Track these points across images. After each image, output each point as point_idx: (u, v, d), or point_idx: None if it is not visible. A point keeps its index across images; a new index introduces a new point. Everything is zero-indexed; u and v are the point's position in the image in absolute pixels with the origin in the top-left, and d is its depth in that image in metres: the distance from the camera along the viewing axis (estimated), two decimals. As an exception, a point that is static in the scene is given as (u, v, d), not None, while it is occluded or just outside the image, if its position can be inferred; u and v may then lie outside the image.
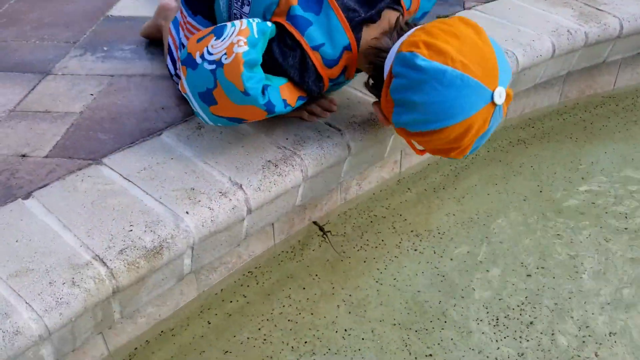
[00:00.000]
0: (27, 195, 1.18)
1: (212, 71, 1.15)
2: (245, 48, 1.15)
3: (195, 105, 1.21)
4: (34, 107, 1.46)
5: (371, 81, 1.28)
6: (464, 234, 1.53)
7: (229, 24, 1.19)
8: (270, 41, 1.22)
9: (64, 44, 1.73)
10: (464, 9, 1.88)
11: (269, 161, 1.25)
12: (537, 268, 1.44)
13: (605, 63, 1.92)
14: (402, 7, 1.30)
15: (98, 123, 1.39)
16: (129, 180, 1.20)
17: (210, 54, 1.16)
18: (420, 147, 1.28)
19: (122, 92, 1.51)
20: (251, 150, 1.29)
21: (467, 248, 1.49)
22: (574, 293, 1.38)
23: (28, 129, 1.38)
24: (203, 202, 1.15)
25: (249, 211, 1.20)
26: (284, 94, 1.22)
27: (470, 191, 1.66)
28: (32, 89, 1.53)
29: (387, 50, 1.18)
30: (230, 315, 1.33)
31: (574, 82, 1.95)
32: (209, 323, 1.32)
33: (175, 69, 1.52)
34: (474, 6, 1.90)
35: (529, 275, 1.42)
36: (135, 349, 1.25)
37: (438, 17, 1.81)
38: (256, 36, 1.17)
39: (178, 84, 1.49)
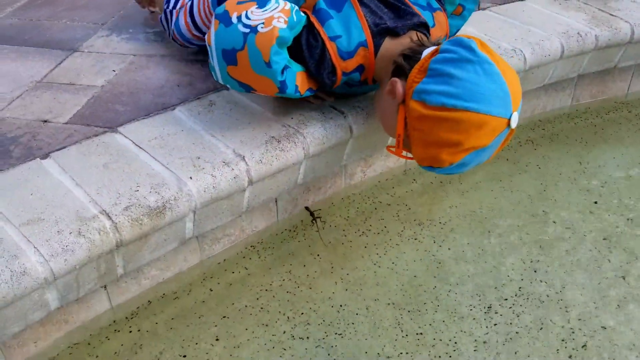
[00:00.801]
0: (45, 156, 1.26)
1: (245, 34, 1.20)
2: (284, 25, 1.20)
3: (214, 59, 1.25)
4: (59, 79, 1.55)
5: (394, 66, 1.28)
6: (465, 225, 1.56)
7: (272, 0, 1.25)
8: (302, 30, 1.27)
9: (92, 25, 1.83)
10: (479, 9, 1.92)
11: (272, 137, 1.31)
12: (534, 262, 1.46)
13: (618, 69, 1.93)
14: (429, 33, 1.35)
15: (117, 96, 1.47)
16: (140, 147, 1.28)
17: (248, 18, 1.21)
18: (408, 155, 1.26)
19: (142, 69, 1.59)
20: (257, 126, 1.35)
21: (467, 239, 1.52)
22: (568, 287, 1.40)
23: (52, 99, 1.46)
24: (206, 170, 1.22)
25: (250, 182, 1.26)
26: (298, 80, 1.27)
27: (474, 186, 1.69)
28: (59, 64, 1.62)
29: (421, 52, 1.20)
30: (231, 284, 1.39)
31: (585, 87, 1.97)
32: (211, 290, 1.38)
33: (172, 7, 1.66)
34: (489, 7, 1.94)
35: (525, 269, 1.45)
36: (138, 308, 1.32)
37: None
38: (295, 20, 1.23)
39: (163, 18, 1.66)
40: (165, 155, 1.25)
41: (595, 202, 1.63)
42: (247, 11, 1.22)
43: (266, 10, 1.22)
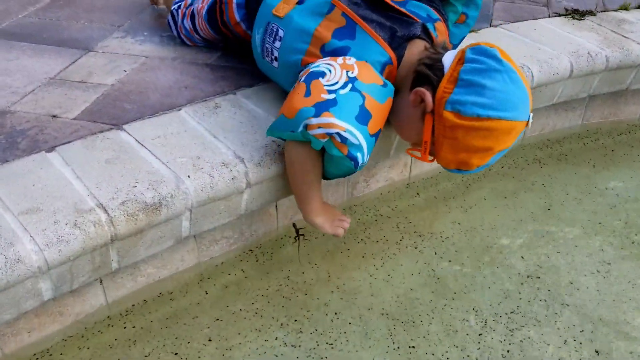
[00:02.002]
0: (50, 149, 1.29)
1: (352, 89, 1.18)
2: (354, 59, 1.23)
3: (357, 134, 1.17)
4: (72, 77, 1.58)
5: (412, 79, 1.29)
6: (466, 240, 1.56)
7: (320, 69, 1.22)
8: None
9: (109, 27, 1.87)
10: (491, 26, 1.93)
11: (272, 141, 1.32)
12: (533, 279, 1.45)
13: (631, 91, 1.92)
14: (431, 39, 1.37)
15: (126, 95, 1.50)
16: (143, 145, 1.29)
17: (333, 85, 1.18)
18: (430, 158, 1.28)
19: (153, 70, 1.62)
20: (259, 130, 1.36)
21: (467, 254, 1.52)
22: (566, 308, 1.38)
23: (63, 95, 1.49)
24: (205, 170, 1.23)
25: (248, 184, 1.27)
26: None
27: (478, 202, 1.68)
28: (74, 62, 1.65)
29: (440, 60, 1.23)
30: (227, 287, 1.40)
31: (597, 108, 1.95)
32: (206, 292, 1.39)
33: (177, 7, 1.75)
34: (501, 24, 1.94)
35: (522, 284, 1.44)
36: (133, 305, 1.33)
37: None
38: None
39: (170, 18, 1.74)
40: (166, 153, 1.27)
41: (600, 223, 1.62)
42: (324, 86, 1.18)
43: (331, 71, 1.21)
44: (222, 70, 1.62)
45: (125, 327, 1.29)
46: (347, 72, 1.20)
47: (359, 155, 1.20)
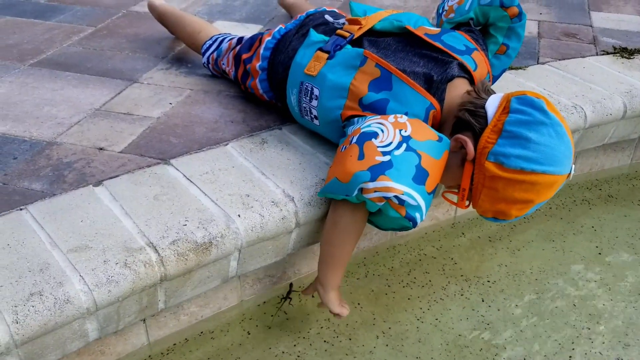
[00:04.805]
0: (97, 183, 1.27)
1: (407, 148, 1.13)
2: (405, 117, 1.19)
3: (415, 195, 1.12)
4: (117, 108, 1.57)
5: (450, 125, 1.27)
6: (515, 286, 1.50)
7: (372, 129, 1.17)
8: None
9: (153, 58, 1.87)
10: (538, 64, 1.89)
11: (322, 179, 1.29)
12: (585, 330, 1.39)
13: (683, 133, 1.86)
14: (470, 75, 1.34)
15: (172, 128, 1.48)
16: (191, 181, 1.27)
17: (387, 146, 1.14)
18: (467, 203, 1.24)
19: (198, 104, 1.60)
20: (307, 167, 1.33)
21: (516, 301, 1.46)
22: (622, 360, 1.32)
23: (109, 127, 1.48)
24: (255, 209, 1.20)
25: (298, 224, 1.24)
26: None
27: (526, 245, 1.63)
28: (119, 93, 1.65)
29: (483, 106, 1.20)
30: (269, 328, 1.36)
31: (647, 149, 1.90)
32: (248, 333, 1.35)
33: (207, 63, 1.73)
34: (548, 62, 1.91)
35: (577, 337, 1.37)
36: (174, 344, 1.30)
37: (511, 68, 1.83)
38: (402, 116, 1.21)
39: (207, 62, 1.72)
40: (215, 190, 1.24)
41: (655, 271, 1.55)
42: (378, 149, 1.13)
43: (384, 131, 1.16)
44: (267, 104, 1.60)
45: (165, 367, 1.26)
46: (400, 131, 1.15)
47: (417, 215, 1.16)
